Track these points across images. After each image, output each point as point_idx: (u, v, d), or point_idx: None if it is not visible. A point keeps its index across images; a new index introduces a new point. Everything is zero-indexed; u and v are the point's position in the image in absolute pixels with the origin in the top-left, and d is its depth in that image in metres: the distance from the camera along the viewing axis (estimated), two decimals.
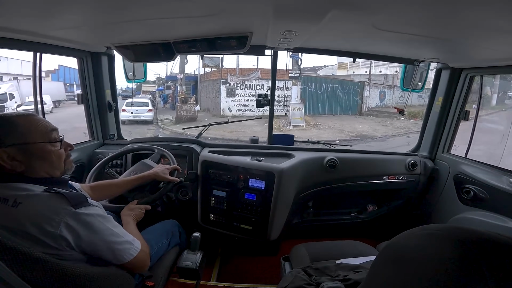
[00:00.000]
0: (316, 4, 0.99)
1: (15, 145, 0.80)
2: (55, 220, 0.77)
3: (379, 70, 18.89)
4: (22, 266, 0.66)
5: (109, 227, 0.88)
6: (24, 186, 0.80)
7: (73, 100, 14.49)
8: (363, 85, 16.09)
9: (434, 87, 2.04)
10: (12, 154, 0.79)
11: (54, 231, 0.76)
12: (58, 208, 0.78)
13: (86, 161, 1.87)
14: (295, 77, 13.39)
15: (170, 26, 1.31)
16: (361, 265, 1.14)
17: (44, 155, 0.85)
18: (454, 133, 2.01)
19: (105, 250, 0.87)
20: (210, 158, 1.78)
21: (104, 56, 1.96)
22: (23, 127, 0.82)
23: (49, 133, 0.87)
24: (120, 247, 0.90)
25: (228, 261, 2.05)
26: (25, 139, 0.81)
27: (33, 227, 0.75)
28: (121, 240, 0.91)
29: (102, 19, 1.23)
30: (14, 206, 0.76)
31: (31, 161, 0.83)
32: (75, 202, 0.81)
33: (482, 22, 1.01)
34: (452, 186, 1.88)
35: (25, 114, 0.85)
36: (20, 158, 0.81)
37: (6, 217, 0.75)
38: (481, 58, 1.61)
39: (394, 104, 16.70)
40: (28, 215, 0.76)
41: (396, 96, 17.18)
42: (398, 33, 1.28)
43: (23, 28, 1.26)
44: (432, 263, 0.42)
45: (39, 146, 0.84)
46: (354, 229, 2.27)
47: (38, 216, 0.77)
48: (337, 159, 1.92)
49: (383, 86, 17.34)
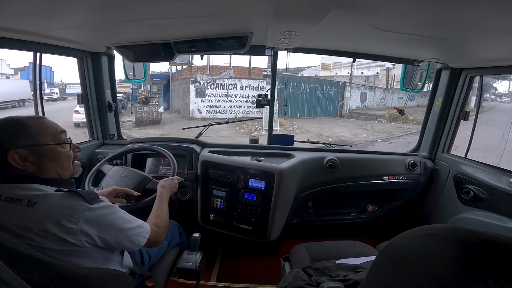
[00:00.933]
0: (316, 4, 0.99)
1: (27, 146, 0.82)
2: (74, 217, 0.79)
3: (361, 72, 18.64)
4: (22, 267, 0.66)
5: (121, 216, 0.92)
6: (36, 187, 0.82)
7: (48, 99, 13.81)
8: (344, 86, 15.35)
9: (434, 87, 2.04)
10: (23, 155, 0.81)
11: (75, 227, 0.79)
12: (75, 205, 0.81)
13: (86, 161, 1.87)
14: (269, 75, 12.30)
15: (170, 26, 1.31)
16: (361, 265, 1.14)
17: (54, 156, 0.88)
18: (454, 133, 2.01)
19: (123, 238, 0.91)
20: (210, 158, 1.78)
21: (104, 56, 1.96)
22: (34, 129, 0.84)
23: (59, 135, 0.89)
24: (135, 232, 0.94)
25: (228, 261, 2.05)
26: (36, 140, 0.83)
27: (53, 225, 0.77)
28: (134, 226, 0.95)
29: (102, 19, 1.23)
30: (30, 206, 0.78)
31: (42, 162, 0.85)
32: (89, 198, 0.84)
33: (482, 22, 1.01)
34: (452, 186, 1.88)
35: (35, 117, 0.88)
36: (32, 159, 0.82)
37: (23, 216, 0.77)
38: (481, 58, 1.61)
39: (375, 105, 16.47)
40: (46, 214, 0.78)
41: (377, 97, 16.90)
42: (398, 33, 1.28)
43: (23, 28, 1.26)
44: (432, 263, 0.42)
45: (50, 147, 0.86)
46: (354, 229, 2.27)
47: (56, 214, 0.78)
48: (337, 159, 1.92)
49: (364, 87, 16.84)
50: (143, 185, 1.48)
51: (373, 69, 18.59)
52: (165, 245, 1.35)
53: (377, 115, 14.39)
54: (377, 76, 18.60)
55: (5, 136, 0.80)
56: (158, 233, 1.07)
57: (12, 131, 0.81)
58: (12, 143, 0.80)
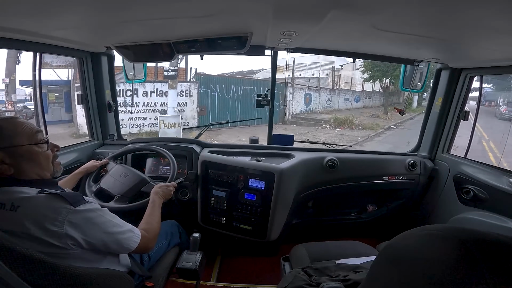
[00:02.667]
0: (316, 5, 0.99)
1: (2, 148, 0.80)
2: (58, 220, 0.78)
3: (312, 73, 18.08)
4: (22, 267, 0.66)
5: (109, 219, 0.90)
6: (17, 189, 0.80)
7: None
8: (285, 87, 12.50)
9: (434, 87, 2.05)
10: (0, 158, 0.80)
11: (59, 230, 0.78)
12: (59, 208, 0.79)
13: (86, 161, 1.86)
14: (171, 76, 9.37)
15: (170, 26, 1.31)
16: (361, 265, 1.15)
17: (31, 157, 0.86)
18: (454, 133, 2.01)
19: (111, 242, 0.89)
20: (210, 158, 1.78)
21: (104, 56, 1.96)
22: (9, 130, 0.82)
23: (35, 135, 0.87)
24: (124, 236, 0.93)
25: (228, 262, 2.05)
26: (11, 142, 0.82)
27: (37, 229, 0.76)
28: (124, 230, 0.93)
29: (102, 19, 1.23)
30: (13, 210, 0.77)
31: (20, 163, 0.83)
32: (73, 200, 0.82)
33: (482, 22, 1.01)
34: (452, 186, 1.88)
35: (8, 118, 0.86)
36: (8, 161, 0.81)
37: (7, 221, 0.76)
38: (481, 58, 1.61)
39: (321, 108, 15.02)
40: (30, 217, 0.76)
41: (323, 99, 15.45)
42: (398, 33, 1.28)
43: (23, 28, 1.26)
44: (432, 263, 0.42)
45: (26, 148, 0.84)
46: (354, 229, 2.27)
47: (40, 217, 0.77)
48: (337, 159, 1.92)
49: (308, 88, 15.03)
50: (139, 187, 1.48)
51: (323, 70, 18.06)
52: (164, 245, 1.35)
53: (321, 120, 12.92)
54: (327, 78, 18.07)
55: None
56: (148, 239, 1.04)
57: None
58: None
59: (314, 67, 18.43)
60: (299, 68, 17.81)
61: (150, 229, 1.09)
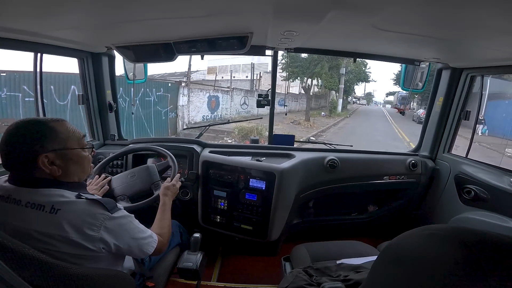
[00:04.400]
0: (316, 4, 0.99)
1: (56, 150, 0.83)
2: (96, 225, 0.81)
3: (246, 75, 17.32)
4: (23, 267, 0.66)
5: (136, 226, 0.94)
6: (57, 192, 0.82)
7: None
8: (177, 87, 9.42)
9: (435, 87, 2.04)
10: (51, 159, 0.82)
11: (96, 234, 0.81)
12: (97, 213, 0.82)
13: None
14: None
15: (170, 27, 1.31)
16: (362, 265, 1.14)
17: (79, 161, 0.90)
18: (455, 133, 2.01)
19: (135, 247, 0.93)
20: (210, 159, 1.78)
21: (105, 56, 1.96)
22: (62, 133, 0.85)
23: (82, 139, 0.92)
24: (145, 242, 0.96)
25: (229, 262, 2.05)
26: (64, 144, 0.85)
27: (75, 232, 0.79)
28: (146, 236, 0.97)
29: (102, 20, 1.24)
30: (53, 213, 0.78)
31: (68, 166, 0.86)
32: (110, 207, 0.86)
33: (483, 22, 1.01)
34: (453, 186, 1.88)
35: (59, 120, 0.88)
36: (58, 163, 0.84)
37: (46, 223, 0.77)
38: (482, 58, 1.61)
39: (234, 113, 12.52)
40: (69, 221, 0.79)
41: (237, 103, 12.71)
42: (398, 33, 1.28)
43: (23, 29, 1.26)
44: (433, 263, 0.41)
45: (76, 152, 0.88)
46: (355, 229, 2.27)
47: (79, 221, 0.80)
48: (337, 159, 1.92)
49: (214, 89, 12.08)
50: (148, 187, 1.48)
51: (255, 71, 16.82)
52: None
53: (224, 132, 9.62)
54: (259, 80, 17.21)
55: (36, 139, 0.81)
56: (163, 243, 1.09)
57: (42, 135, 0.81)
58: (42, 147, 0.81)
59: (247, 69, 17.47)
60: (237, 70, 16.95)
61: (164, 234, 1.13)
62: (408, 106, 33.51)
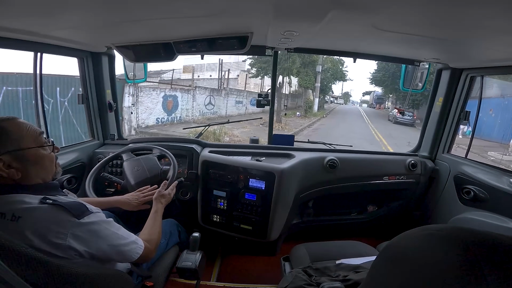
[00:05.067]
0: (316, 5, 0.99)
1: (10, 152, 0.77)
2: (62, 233, 0.76)
3: (210, 74, 16.98)
4: (22, 266, 0.66)
5: (114, 231, 0.88)
6: (18, 198, 0.77)
7: None
8: (122, 86, 7.85)
9: (435, 87, 2.04)
10: (7, 162, 0.77)
11: (63, 242, 0.76)
12: (62, 220, 0.77)
13: (87, 161, 1.87)
14: None
15: (170, 26, 1.31)
16: (361, 266, 1.14)
17: (38, 160, 0.83)
18: (455, 133, 2.01)
19: (114, 254, 0.88)
20: (210, 158, 1.78)
21: (105, 56, 1.96)
22: (15, 132, 0.79)
23: (39, 137, 0.85)
24: (128, 248, 0.91)
25: (228, 261, 2.05)
26: (18, 145, 0.79)
27: (40, 241, 0.74)
28: (127, 242, 0.92)
29: (102, 19, 1.23)
30: (14, 220, 0.73)
31: (27, 167, 0.80)
32: (77, 212, 0.80)
33: (483, 22, 1.01)
34: (453, 186, 1.88)
35: (10, 118, 0.81)
36: (16, 165, 0.78)
37: (7, 232, 0.72)
38: (482, 58, 1.61)
39: (198, 116, 11.49)
40: (31, 229, 0.74)
41: (201, 103, 11.44)
42: (398, 33, 1.28)
43: (23, 28, 1.26)
44: (432, 263, 0.41)
45: (33, 151, 0.82)
46: (354, 229, 2.27)
47: (43, 229, 0.75)
48: (337, 159, 1.92)
49: (171, 88, 10.85)
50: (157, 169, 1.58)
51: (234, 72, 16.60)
52: (163, 244, 1.34)
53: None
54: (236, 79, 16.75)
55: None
56: (150, 250, 1.04)
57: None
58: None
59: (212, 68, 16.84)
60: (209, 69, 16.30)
61: (152, 240, 1.08)
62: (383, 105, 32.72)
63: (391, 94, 23.74)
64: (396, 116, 16.60)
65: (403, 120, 16.14)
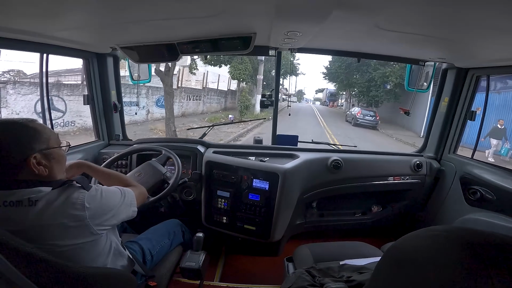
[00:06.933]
0: (319, 4, 0.99)
1: (42, 150, 0.84)
2: (78, 203, 0.82)
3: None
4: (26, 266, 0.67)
5: (110, 192, 0.95)
6: (34, 189, 0.82)
7: None
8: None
9: (440, 87, 2.02)
10: (38, 160, 0.83)
11: (81, 213, 0.82)
12: (75, 193, 0.83)
13: (92, 161, 1.89)
14: None
15: (173, 27, 1.32)
16: (365, 266, 1.13)
17: (59, 159, 0.91)
18: (461, 133, 1.99)
19: (121, 213, 0.95)
20: (214, 159, 1.79)
21: (110, 57, 1.98)
22: (44, 133, 0.86)
23: (58, 138, 0.92)
24: (126, 202, 0.98)
25: (231, 261, 2.06)
26: (47, 144, 0.86)
27: (63, 217, 0.79)
28: (121, 196, 0.98)
29: (106, 20, 1.25)
30: (32, 205, 0.78)
31: (53, 165, 0.87)
32: (84, 184, 0.87)
33: (489, 21, 1.00)
34: (459, 187, 1.86)
35: (34, 120, 0.88)
36: (45, 163, 0.85)
37: (26, 216, 0.77)
38: (488, 58, 1.59)
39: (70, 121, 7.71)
40: (52, 208, 0.79)
41: (77, 103, 7.51)
42: (402, 33, 1.27)
43: (30, 30, 1.28)
44: (437, 264, 0.41)
45: (56, 150, 0.89)
46: (358, 230, 2.25)
47: (61, 205, 0.80)
48: (341, 160, 1.91)
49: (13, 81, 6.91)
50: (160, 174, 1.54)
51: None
52: (167, 244, 1.35)
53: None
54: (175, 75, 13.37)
55: (25, 141, 0.81)
56: (139, 191, 1.12)
57: (29, 136, 0.82)
58: (30, 148, 0.82)
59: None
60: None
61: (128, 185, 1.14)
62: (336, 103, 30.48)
63: (345, 90, 22.09)
64: (357, 117, 14.33)
65: (364, 122, 14.03)
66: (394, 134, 12.35)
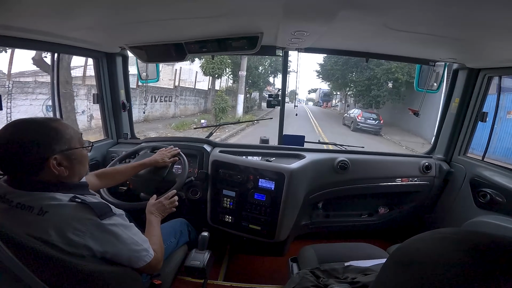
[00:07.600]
0: (326, 4, 0.98)
1: (63, 151, 0.82)
2: (81, 230, 0.78)
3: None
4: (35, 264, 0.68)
5: (130, 236, 0.89)
6: (50, 195, 0.80)
7: None
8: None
9: (451, 87, 1.99)
10: (59, 160, 0.82)
11: (79, 240, 0.78)
12: (85, 218, 0.79)
13: (101, 159, 1.92)
14: None
15: (181, 27, 1.33)
16: (370, 268, 1.12)
17: (82, 160, 0.89)
18: (471, 135, 1.94)
19: (125, 257, 0.89)
20: (220, 158, 1.79)
21: (119, 56, 2.01)
22: (66, 133, 0.84)
23: (81, 138, 0.90)
24: (138, 255, 0.92)
25: (236, 261, 2.06)
26: (69, 145, 0.84)
27: (57, 236, 0.76)
28: (140, 248, 0.92)
29: (117, 20, 1.26)
30: (40, 214, 0.76)
31: (74, 166, 0.86)
32: (100, 212, 0.82)
33: (500, 21, 0.97)
34: (468, 189, 1.82)
35: (57, 119, 0.86)
36: (65, 164, 0.83)
37: (31, 224, 0.75)
38: (500, 58, 1.56)
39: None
40: (54, 224, 0.76)
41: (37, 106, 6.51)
42: (412, 33, 1.25)
43: (42, 29, 1.31)
44: (444, 267, 0.40)
45: (78, 151, 0.88)
46: (364, 231, 2.23)
47: (64, 225, 0.77)
48: (348, 161, 1.90)
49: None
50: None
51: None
52: (173, 243, 1.36)
53: None
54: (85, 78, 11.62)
55: (45, 142, 0.79)
56: (158, 260, 1.02)
57: (49, 136, 0.80)
58: (51, 149, 0.80)
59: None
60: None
61: (158, 250, 1.05)
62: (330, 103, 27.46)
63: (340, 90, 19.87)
64: (357, 121, 12.38)
65: (366, 127, 12.21)
66: (401, 141, 11.08)
